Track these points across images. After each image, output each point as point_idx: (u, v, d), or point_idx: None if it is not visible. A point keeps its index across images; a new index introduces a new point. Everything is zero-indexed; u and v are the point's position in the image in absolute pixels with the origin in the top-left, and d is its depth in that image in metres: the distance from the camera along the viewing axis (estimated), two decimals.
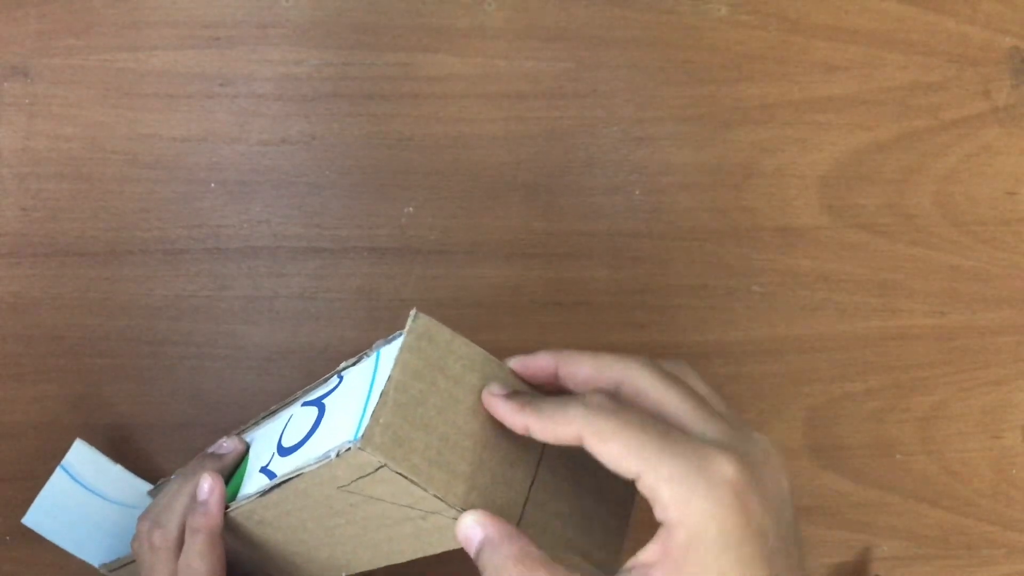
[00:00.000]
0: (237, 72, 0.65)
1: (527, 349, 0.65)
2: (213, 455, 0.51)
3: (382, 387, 0.37)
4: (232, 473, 0.51)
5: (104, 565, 0.59)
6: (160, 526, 0.48)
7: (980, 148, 0.69)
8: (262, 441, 0.50)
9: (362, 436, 0.36)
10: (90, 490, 0.59)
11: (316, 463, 0.38)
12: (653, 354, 0.60)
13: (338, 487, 0.39)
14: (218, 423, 0.63)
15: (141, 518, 0.51)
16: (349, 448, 0.36)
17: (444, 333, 0.39)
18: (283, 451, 0.45)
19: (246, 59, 0.65)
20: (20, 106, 0.64)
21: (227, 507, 0.47)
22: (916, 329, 0.68)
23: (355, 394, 0.42)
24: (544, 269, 0.66)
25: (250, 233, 0.65)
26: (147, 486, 0.61)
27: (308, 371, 0.64)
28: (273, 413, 0.52)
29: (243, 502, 0.46)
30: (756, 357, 0.67)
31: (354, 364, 0.45)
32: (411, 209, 0.66)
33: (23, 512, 0.57)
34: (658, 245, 0.67)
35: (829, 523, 0.66)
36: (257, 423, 0.53)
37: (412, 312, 0.39)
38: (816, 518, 0.66)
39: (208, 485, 0.47)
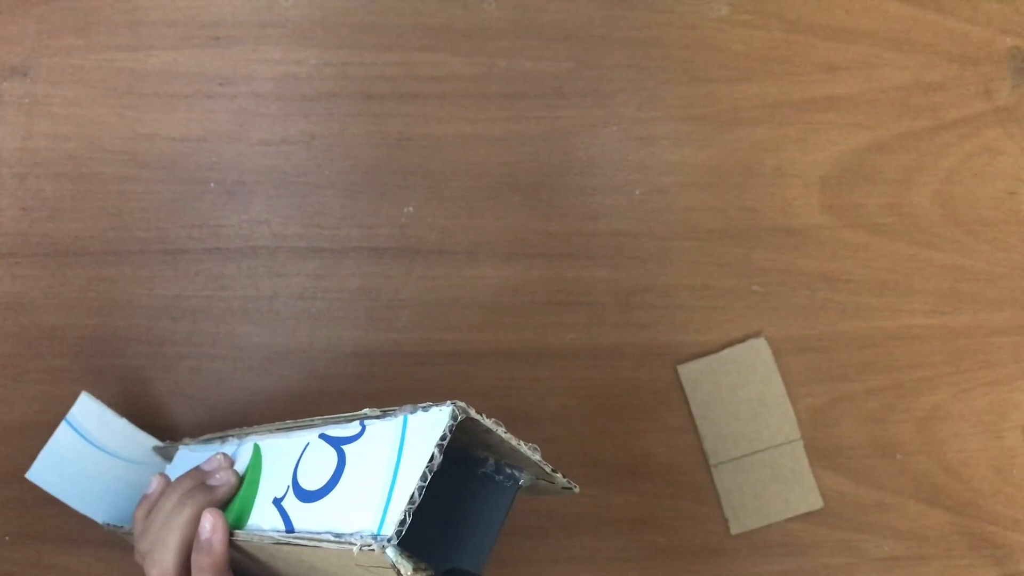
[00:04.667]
0: (237, 72, 0.65)
1: (527, 349, 0.66)
2: (205, 486, 0.49)
3: (410, 484, 0.37)
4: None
5: (108, 526, 0.58)
6: (156, 564, 0.47)
7: (980, 148, 0.69)
8: (274, 461, 0.48)
9: (384, 538, 0.36)
10: (95, 445, 0.58)
11: (336, 542, 0.38)
12: (653, 354, 0.60)
13: (356, 564, 0.39)
14: (218, 423, 0.63)
15: (138, 539, 0.51)
16: (372, 547, 0.36)
17: (481, 424, 0.39)
18: (300, 492, 0.44)
19: (246, 59, 0.65)
20: (20, 106, 0.64)
21: (233, 534, 0.46)
22: (916, 329, 0.68)
23: (380, 463, 0.40)
24: (544, 269, 0.66)
25: (250, 233, 0.65)
26: (153, 441, 0.60)
27: (308, 371, 0.64)
28: (288, 430, 0.50)
29: (253, 537, 0.44)
30: None
31: (378, 418, 0.43)
32: (411, 209, 0.66)
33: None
34: (658, 245, 0.67)
35: (829, 523, 0.66)
36: (270, 431, 0.51)
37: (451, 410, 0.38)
38: (816, 518, 0.66)
39: (210, 524, 0.45)
